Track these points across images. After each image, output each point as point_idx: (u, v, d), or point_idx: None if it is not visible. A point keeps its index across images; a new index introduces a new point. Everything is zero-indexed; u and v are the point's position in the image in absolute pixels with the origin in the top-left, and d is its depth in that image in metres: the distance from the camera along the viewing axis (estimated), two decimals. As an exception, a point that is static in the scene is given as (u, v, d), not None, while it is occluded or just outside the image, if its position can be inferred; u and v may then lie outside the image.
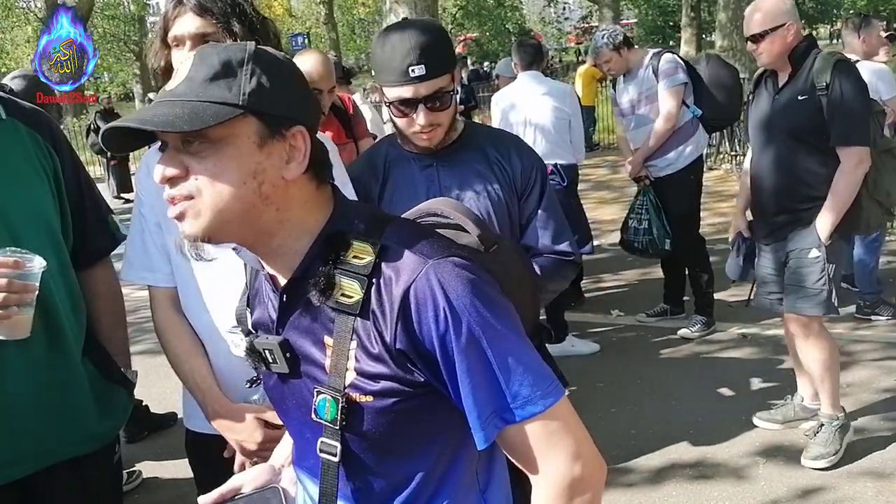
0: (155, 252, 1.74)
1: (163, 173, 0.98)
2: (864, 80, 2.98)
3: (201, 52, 0.99)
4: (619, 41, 4.40)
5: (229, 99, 0.96)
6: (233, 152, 0.96)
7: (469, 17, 31.64)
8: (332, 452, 1.04)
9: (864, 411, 3.57)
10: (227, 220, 0.98)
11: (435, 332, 0.97)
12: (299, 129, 1.01)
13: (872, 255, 4.62)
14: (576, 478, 1.02)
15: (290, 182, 1.01)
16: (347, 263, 1.01)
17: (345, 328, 1.01)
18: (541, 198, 1.89)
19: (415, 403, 1.03)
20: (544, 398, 1.00)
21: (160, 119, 0.93)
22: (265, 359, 1.09)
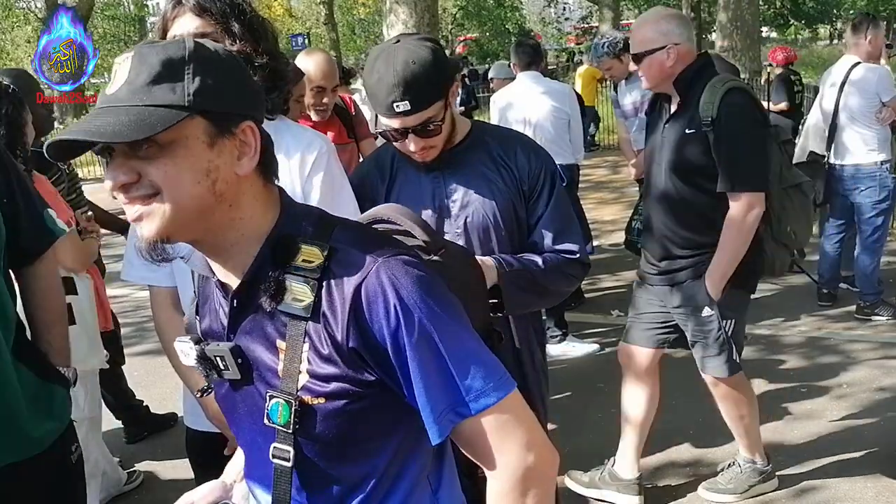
0: None
1: (115, 180, 0.96)
2: (758, 111, 2.60)
3: (139, 53, 0.96)
4: (620, 48, 4.40)
5: (174, 101, 0.94)
6: (183, 153, 0.95)
7: (469, 18, 31.63)
8: (284, 458, 1.04)
9: (864, 411, 3.57)
10: (183, 220, 0.97)
11: (386, 328, 0.97)
12: (248, 125, 1.00)
13: (873, 256, 4.62)
14: (530, 468, 1.03)
15: (242, 178, 1.00)
16: (296, 267, 1.01)
17: (296, 331, 1.01)
18: (549, 197, 1.86)
19: (366, 404, 1.03)
20: (497, 390, 1.01)
21: (107, 129, 0.91)
22: (216, 366, 1.08)
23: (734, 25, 12.50)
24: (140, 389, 3.99)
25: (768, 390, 3.87)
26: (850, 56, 4.53)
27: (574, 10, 40.88)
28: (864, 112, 4.44)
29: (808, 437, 3.38)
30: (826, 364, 4.14)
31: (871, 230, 4.55)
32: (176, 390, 1.92)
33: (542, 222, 1.85)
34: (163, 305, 1.77)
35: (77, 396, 2.85)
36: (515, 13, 32.61)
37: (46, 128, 3.32)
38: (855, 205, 4.59)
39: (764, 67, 10.96)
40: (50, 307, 1.82)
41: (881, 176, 4.46)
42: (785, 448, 3.30)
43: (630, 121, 4.58)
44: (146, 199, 0.96)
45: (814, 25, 36.18)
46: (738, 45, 12.40)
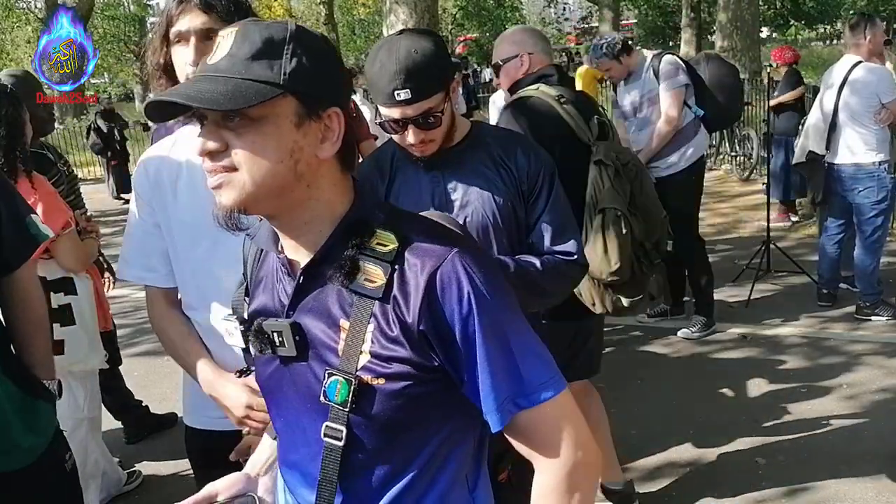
0: (153, 252, 1.74)
1: (204, 147, 1.00)
2: (536, 123, 2.41)
3: (244, 29, 1.00)
4: (619, 49, 4.39)
5: (271, 78, 0.97)
6: (271, 130, 0.98)
7: (469, 18, 31.65)
8: (336, 437, 1.05)
9: (864, 411, 3.58)
10: (262, 195, 1.00)
11: (458, 314, 1.00)
12: (335, 111, 1.03)
13: (873, 256, 4.62)
14: (579, 463, 1.06)
15: (322, 161, 1.03)
16: (371, 249, 1.04)
17: (363, 311, 1.03)
18: (548, 198, 1.86)
19: (423, 389, 1.04)
20: (555, 384, 1.05)
21: (205, 96, 0.95)
22: (272, 342, 1.09)
23: (734, 25, 12.50)
24: (140, 389, 3.99)
25: (768, 390, 3.87)
26: (851, 56, 4.53)
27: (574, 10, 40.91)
28: (863, 112, 4.44)
29: (808, 437, 3.38)
30: (826, 364, 4.15)
31: (871, 230, 4.55)
32: (176, 390, 1.92)
33: (541, 223, 1.85)
34: (158, 303, 1.77)
35: (77, 396, 2.86)
36: (515, 13, 32.64)
37: (47, 128, 3.32)
38: (854, 205, 4.59)
39: (764, 67, 10.97)
40: (31, 318, 1.79)
41: (880, 176, 4.46)
42: (785, 448, 3.30)
43: (629, 121, 4.58)
44: (229, 169, 0.99)
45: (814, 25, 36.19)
46: (738, 45, 12.40)
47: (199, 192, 1.67)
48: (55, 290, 2.66)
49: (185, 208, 1.68)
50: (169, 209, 1.70)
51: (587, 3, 32.50)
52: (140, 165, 1.76)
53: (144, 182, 1.73)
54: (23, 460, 1.65)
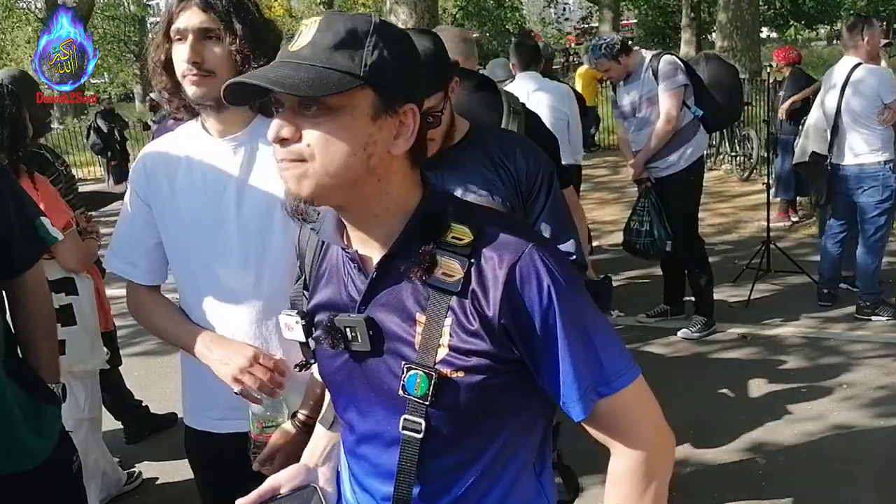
0: (137, 247, 1.74)
1: (277, 132, 0.99)
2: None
3: (328, 18, 1.01)
4: (617, 49, 4.39)
5: (352, 69, 0.97)
6: (347, 122, 0.98)
7: (469, 18, 31.60)
8: (415, 429, 1.06)
9: (864, 411, 3.58)
10: (333, 186, 1.00)
11: (538, 306, 1.01)
12: (411, 107, 1.03)
13: (875, 256, 4.62)
14: (658, 449, 1.10)
15: (394, 157, 1.03)
16: (447, 243, 1.04)
17: (441, 305, 1.03)
18: (547, 198, 1.86)
19: (501, 380, 1.05)
20: (632, 372, 1.07)
21: (286, 81, 0.95)
22: (345, 337, 1.10)
23: (734, 25, 12.49)
24: (140, 389, 3.99)
25: (768, 390, 3.87)
26: (851, 57, 4.53)
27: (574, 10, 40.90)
28: (866, 113, 4.44)
29: (808, 437, 3.38)
30: (826, 364, 4.15)
31: (874, 230, 4.55)
32: (176, 390, 1.92)
33: (540, 223, 1.85)
34: (136, 295, 1.78)
35: (77, 397, 2.86)
36: (515, 13, 32.60)
37: (44, 128, 3.32)
38: (857, 205, 4.59)
39: (764, 67, 10.96)
40: (38, 321, 1.80)
41: (884, 176, 4.46)
42: (785, 448, 3.30)
43: (629, 121, 4.58)
44: (300, 158, 0.99)
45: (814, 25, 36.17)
46: (738, 45, 12.39)
47: (197, 190, 1.67)
48: (56, 290, 2.66)
49: (184, 205, 1.68)
50: (166, 206, 1.70)
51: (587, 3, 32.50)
52: (139, 161, 1.77)
53: (142, 178, 1.73)
54: (30, 462, 1.65)
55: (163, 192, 1.70)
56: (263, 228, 1.65)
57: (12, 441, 1.61)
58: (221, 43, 1.58)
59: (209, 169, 1.67)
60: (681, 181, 4.46)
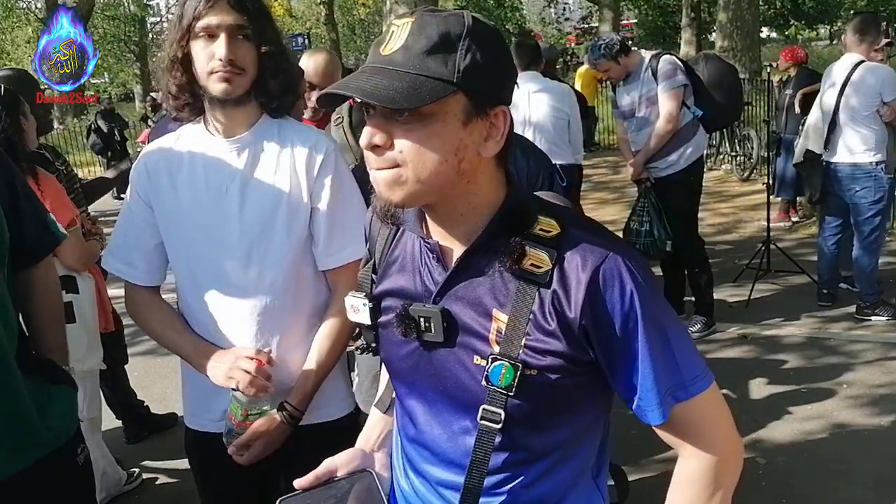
0: (137, 248, 1.74)
1: (370, 140, 0.99)
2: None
3: (420, 20, 0.99)
4: (617, 50, 4.39)
5: (445, 75, 0.96)
6: (439, 128, 0.98)
7: (469, 18, 31.57)
8: (494, 420, 1.05)
9: (864, 411, 3.58)
10: (424, 192, 1.01)
11: (620, 310, 1.01)
12: (502, 109, 1.03)
13: (872, 256, 4.62)
14: (729, 454, 1.11)
15: (483, 158, 1.03)
16: (535, 235, 1.04)
17: (527, 298, 1.03)
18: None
19: (573, 381, 1.06)
20: (707, 377, 1.08)
21: (382, 93, 0.94)
22: (418, 326, 1.09)
23: (734, 25, 12.47)
24: (140, 389, 3.98)
25: (768, 390, 3.87)
26: (852, 55, 4.53)
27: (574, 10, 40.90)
28: (864, 112, 4.44)
29: (808, 437, 3.38)
30: (826, 364, 4.15)
31: (869, 230, 4.55)
32: (176, 390, 1.92)
33: None
34: (134, 296, 1.78)
35: (77, 396, 2.86)
36: (515, 13, 32.59)
37: (44, 128, 3.32)
38: (851, 205, 4.59)
39: (764, 67, 10.95)
40: (48, 310, 1.82)
41: (877, 176, 4.46)
42: (785, 448, 3.30)
43: (628, 121, 4.58)
44: (392, 165, 0.99)
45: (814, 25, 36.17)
46: (738, 45, 12.37)
47: (199, 189, 1.67)
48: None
49: (186, 204, 1.68)
50: (168, 205, 1.70)
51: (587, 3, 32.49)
52: (140, 160, 1.76)
53: (143, 177, 1.72)
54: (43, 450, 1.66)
55: (164, 191, 1.70)
56: (266, 227, 1.65)
57: (30, 434, 1.62)
58: (250, 42, 1.59)
59: (212, 168, 1.67)
60: (680, 181, 4.46)
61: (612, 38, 4.50)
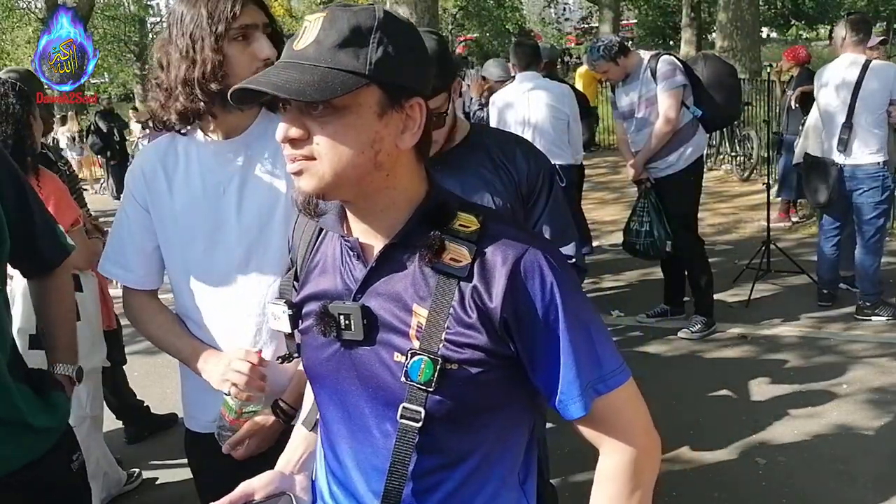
0: (132, 252, 1.73)
1: (286, 133, 1.00)
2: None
3: (332, 15, 0.99)
4: (616, 51, 4.39)
5: (357, 68, 0.96)
6: (354, 121, 0.98)
7: (469, 18, 31.60)
8: (414, 418, 1.04)
9: (864, 411, 3.58)
10: (341, 183, 1.01)
11: (540, 303, 1.02)
12: (417, 101, 1.03)
13: (874, 257, 4.62)
14: (648, 447, 1.12)
15: (401, 151, 1.03)
16: (455, 230, 1.05)
17: (447, 292, 1.03)
18: (547, 201, 1.85)
19: (493, 376, 1.05)
20: (626, 371, 1.08)
21: (292, 86, 0.95)
22: (338, 324, 1.08)
23: (734, 25, 12.48)
24: (140, 389, 3.98)
25: (768, 390, 3.87)
26: (854, 55, 4.52)
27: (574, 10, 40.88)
28: (874, 111, 4.42)
29: (808, 437, 3.38)
30: (826, 364, 4.15)
31: (873, 230, 4.55)
32: (176, 390, 1.92)
33: (539, 226, 1.84)
34: (133, 300, 1.78)
35: (80, 394, 2.87)
36: (515, 13, 32.59)
37: (46, 129, 3.32)
38: (855, 205, 4.58)
39: (764, 67, 10.95)
40: (62, 308, 1.85)
41: (883, 176, 4.46)
42: (785, 448, 3.30)
43: (628, 122, 4.58)
44: (308, 158, 1.00)
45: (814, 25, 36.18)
46: (738, 45, 12.38)
47: (196, 192, 1.67)
48: None
49: (182, 208, 1.67)
50: (164, 208, 1.69)
51: (587, 3, 32.47)
52: (136, 164, 1.75)
53: (139, 181, 1.71)
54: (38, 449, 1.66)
55: (161, 194, 1.69)
56: (264, 229, 1.64)
57: (18, 437, 1.62)
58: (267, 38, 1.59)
59: (208, 171, 1.66)
60: (680, 181, 4.46)
61: (611, 40, 4.50)
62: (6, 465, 1.59)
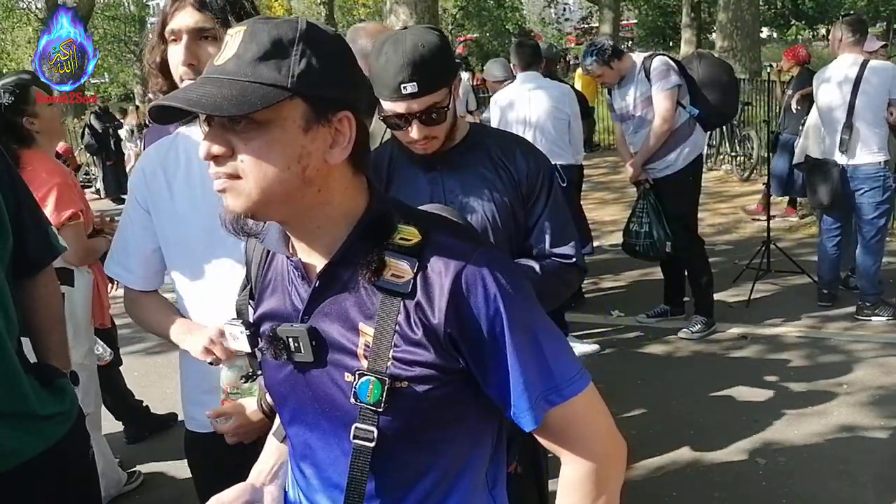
0: (135, 254, 1.75)
1: (208, 150, 0.97)
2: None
3: (252, 28, 0.97)
4: (609, 55, 4.38)
5: (278, 81, 0.94)
6: (278, 135, 0.95)
7: (469, 18, 31.61)
8: (367, 438, 1.03)
9: (864, 411, 3.57)
10: (269, 201, 0.97)
11: (485, 315, 0.99)
12: (346, 115, 1.00)
13: (875, 256, 4.62)
14: (610, 454, 1.08)
15: (332, 166, 1.00)
16: (395, 245, 1.02)
17: (391, 309, 1.01)
18: (547, 200, 1.85)
19: (446, 390, 1.03)
20: (582, 378, 1.05)
21: (207, 101, 0.92)
22: (287, 347, 1.07)
23: (734, 26, 12.50)
24: (140, 389, 3.98)
25: (768, 390, 3.87)
26: (854, 55, 4.52)
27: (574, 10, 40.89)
28: (873, 111, 4.42)
29: (808, 437, 3.38)
30: (826, 364, 4.15)
31: (874, 231, 4.55)
32: (176, 390, 1.92)
33: (540, 225, 1.84)
34: (133, 299, 1.80)
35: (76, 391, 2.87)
36: (515, 13, 32.60)
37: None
38: (856, 205, 4.58)
39: (764, 67, 10.95)
40: (50, 314, 1.83)
41: (884, 176, 4.46)
42: (785, 448, 3.30)
43: (626, 123, 4.58)
44: (233, 176, 0.97)
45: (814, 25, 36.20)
46: (739, 45, 12.40)
47: (195, 192, 1.67)
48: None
49: (182, 208, 1.68)
50: (165, 209, 1.69)
51: (587, 3, 32.48)
52: (138, 167, 1.76)
53: (141, 184, 1.72)
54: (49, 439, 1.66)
55: (162, 195, 1.69)
56: None
57: (30, 424, 1.63)
58: (217, 43, 1.55)
59: (208, 170, 1.66)
60: (679, 181, 4.46)
61: (605, 43, 4.49)
62: (19, 455, 1.59)
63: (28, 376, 1.63)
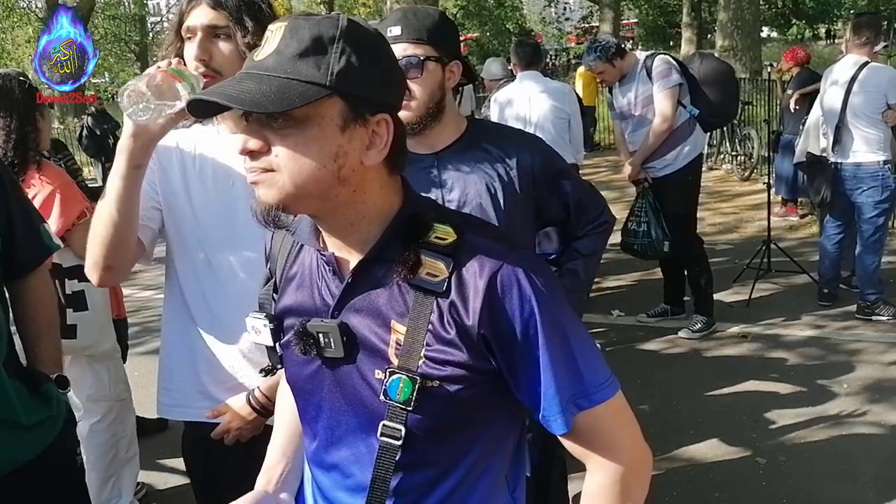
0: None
1: (245, 145, 0.97)
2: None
3: (293, 24, 0.96)
4: (612, 53, 4.39)
5: (317, 78, 0.94)
6: (315, 133, 0.95)
7: (469, 18, 31.61)
8: (395, 436, 1.02)
9: (864, 411, 3.57)
10: (303, 195, 0.98)
11: (519, 316, 0.99)
12: (384, 117, 0.99)
13: (875, 256, 4.62)
14: (636, 463, 1.08)
15: (368, 167, 1.00)
16: (431, 244, 1.01)
17: (424, 308, 1.00)
18: (570, 178, 1.95)
19: (476, 392, 1.03)
20: (612, 385, 1.05)
21: (247, 97, 0.92)
22: (318, 343, 1.06)
23: (735, 25, 12.48)
24: (140, 389, 3.98)
25: (768, 390, 3.87)
26: (855, 56, 4.52)
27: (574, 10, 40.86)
28: (869, 112, 4.43)
29: (808, 437, 3.38)
30: (826, 363, 4.15)
31: (874, 230, 4.55)
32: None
33: (574, 201, 1.95)
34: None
35: (102, 379, 2.96)
36: (515, 13, 32.61)
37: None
38: (856, 204, 4.58)
39: (764, 67, 10.96)
40: (41, 318, 1.81)
41: (884, 176, 4.46)
42: (785, 448, 3.30)
43: (626, 122, 4.58)
44: (268, 170, 0.97)
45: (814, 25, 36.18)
46: (739, 44, 12.38)
47: (207, 184, 1.68)
48: (69, 276, 2.71)
49: (194, 199, 1.69)
50: (177, 198, 1.69)
51: (588, 2, 32.46)
52: (154, 155, 1.75)
53: (157, 170, 1.70)
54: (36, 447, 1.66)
55: (174, 184, 1.70)
56: None
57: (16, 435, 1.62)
58: (231, 41, 1.57)
59: (219, 164, 1.68)
60: (679, 181, 4.46)
61: (608, 41, 4.50)
62: (3, 466, 1.58)
63: (14, 382, 1.61)
